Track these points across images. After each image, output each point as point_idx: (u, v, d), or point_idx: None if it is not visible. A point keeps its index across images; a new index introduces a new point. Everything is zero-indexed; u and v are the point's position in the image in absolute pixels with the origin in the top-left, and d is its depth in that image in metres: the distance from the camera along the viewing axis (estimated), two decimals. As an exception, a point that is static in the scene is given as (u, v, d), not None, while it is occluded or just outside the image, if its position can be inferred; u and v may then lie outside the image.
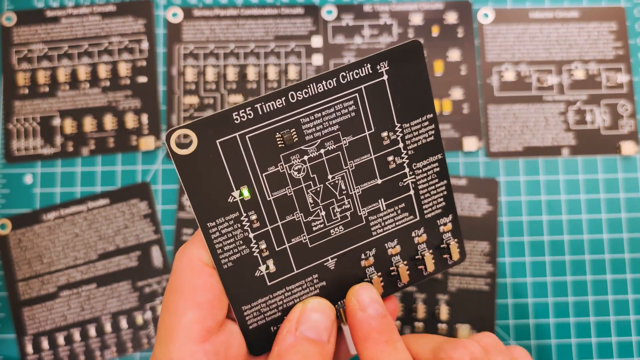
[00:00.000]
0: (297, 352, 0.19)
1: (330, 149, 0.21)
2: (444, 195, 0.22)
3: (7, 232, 0.37)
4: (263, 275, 0.21)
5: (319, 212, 0.21)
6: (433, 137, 0.21)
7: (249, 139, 0.20)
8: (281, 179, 0.20)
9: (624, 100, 0.39)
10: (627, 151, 0.38)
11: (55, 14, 0.39)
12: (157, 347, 0.20)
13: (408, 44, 0.20)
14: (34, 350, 0.36)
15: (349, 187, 0.21)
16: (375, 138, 0.21)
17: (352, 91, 0.20)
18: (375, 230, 0.22)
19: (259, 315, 0.21)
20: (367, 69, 0.20)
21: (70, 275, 0.37)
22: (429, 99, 0.21)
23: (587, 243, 0.37)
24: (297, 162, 0.21)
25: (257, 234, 0.21)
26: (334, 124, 0.21)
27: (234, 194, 0.20)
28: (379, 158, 0.21)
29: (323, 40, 0.39)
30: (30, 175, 0.38)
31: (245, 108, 0.19)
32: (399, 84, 0.21)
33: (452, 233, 0.23)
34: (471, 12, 0.40)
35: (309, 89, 0.20)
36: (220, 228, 0.20)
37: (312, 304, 0.21)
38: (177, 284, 0.20)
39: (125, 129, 0.39)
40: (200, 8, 0.40)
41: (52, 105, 0.39)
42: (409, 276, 0.22)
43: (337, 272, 0.22)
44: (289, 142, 0.20)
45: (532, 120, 0.38)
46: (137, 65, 0.39)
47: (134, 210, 0.38)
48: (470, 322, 0.36)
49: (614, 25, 0.39)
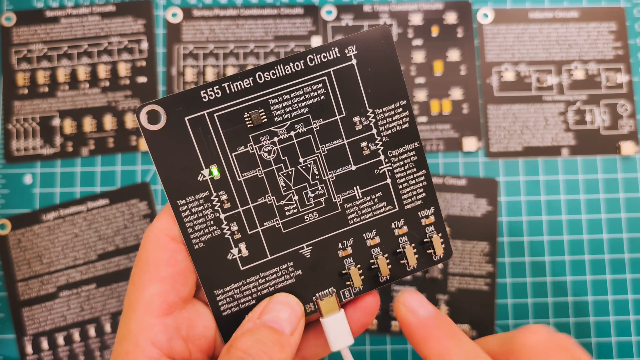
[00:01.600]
0: (252, 336, 0.19)
1: (300, 132, 0.21)
2: (423, 185, 0.22)
3: (6, 232, 0.37)
4: (236, 258, 0.21)
5: (292, 196, 0.21)
6: (408, 124, 0.21)
7: (217, 118, 0.20)
8: (251, 160, 0.21)
9: (624, 100, 0.39)
10: (626, 151, 0.38)
11: (55, 14, 0.39)
12: (121, 319, 0.20)
13: (376, 29, 0.20)
14: (33, 350, 0.36)
15: (321, 172, 0.21)
16: (347, 123, 0.21)
17: (321, 74, 0.20)
18: (352, 219, 0.22)
19: (233, 301, 0.21)
20: (334, 53, 0.20)
21: (69, 276, 0.37)
22: (400, 85, 0.21)
23: (586, 243, 0.37)
24: (267, 143, 0.21)
25: (228, 215, 0.21)
26: (303, 107, 0.21)
27: (204, 172, 0.20)
28: (352, 143, 0.21)
29: (323, 40, 0.39)
30: (29, 175, 0.38)
31: (213, 87, 0.20)
32: (368, 69, 0.21)
33: (434, 226, 0.22)
34: (471, 12, 0.40)
35: (276, 70, 0.20)
36: (191, 207, 0.20)
37: (277, 297, 0.21)
38: (142, 258, 0.20)
39: (125, 129, 0.39)
40: (200, 8, 0.40)
41: (51, 105, 0.39)
42: (390, 270, 0.22)
43: (314, 260, 0.21)
44: (257, 122, 0.20)
45: (531, 121, 0.38)
46: (137, 65, 0.39)
47: (134, 211, 0.38)
48: (470, 322, 0.36)
49: (614, 25, 0.39)
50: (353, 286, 0.22)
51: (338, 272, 0.22)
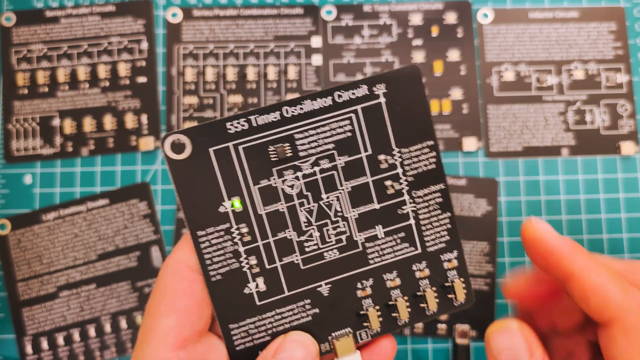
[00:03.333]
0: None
1: (325, 168, 0.21)
2: (447, 228, 0.21)
3: (6, 232, 0.37)
4: (252, 293, 0.21)
5: (313, 232, 0.21)
6: (434, 165, 0.21)
7: (243, 150, 0.20)
8: (273, 194, 0.20)
9: (624, 100, 0.39)
10: (626, 151, 0.38)
11: (55, 14, 0.39)
12: (134, 350, 0.19)
13: (406, 69, 0.20)
14: (33, 350, 0.36)
15: (344, 209, 0.21)
16: (372, 161, 0.21)
17: (348, 111, 0.20)
18: (373, 258, 0.21)
19: (247, 336, 0.21)
20: (363, 90, 0.20)
21: (69, 276, 0.37)
22: (428, 125, 0.21)
23: (586, 243, 0.37)
24: (291, 177, 0.20)
25: (248, 249, 0.20)
26: (329, 142, 0.20)
27: (225, 204, 0.20)
28: (377, 182, 0.21)
29: (323, 40, 0.39)
30: (29, 175, 0.38)
31: (240, 119, 0.20)
32: (396, 108, 0.20)
33: (457, 271, 0.22)
34: (471, 12, 0.40)
35: (303, 105, 0.20)
36: (210, 238, 0.20)
37: (292, 336, 0.20)
38: (160, 288, 0.20)
39: (125, 129, 0.39)
40: (200, 8, 0.40)
41: (51, 105, 0.39)
42: (410, 314, 0.21)
43: (331, 299, 0.21)
44: (282, 156, 0.20)
45: (531, 121, 0.38)
46: (137, 65, 0.39)
47: (134, 211, 0.38)
48: (470, 322, 0.36)
49: (614, 25, 0.39)
50: (370, 328, 0.21)
51: (356, 312, 0.21)
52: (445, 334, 0.36)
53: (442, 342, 0.37)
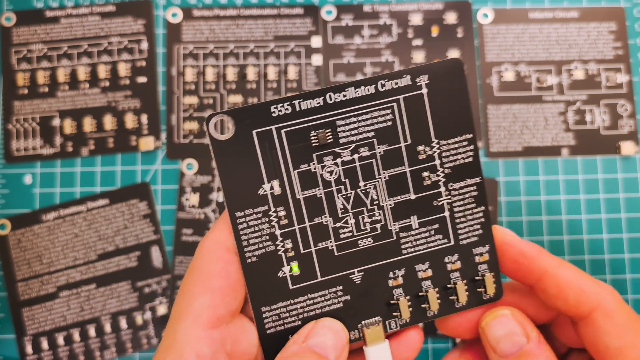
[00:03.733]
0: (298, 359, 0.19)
1: (364, 155, 0.21)
2: (481, 222, 0.21)
3: (6, 232, 0.37)
4: (286, 277, 0.21)
5: (348, 219, 0.21)
6: (472, 158, 0.21)
7: (285, 134, 0.20)
8: (312, 179, 0.21)
9: (624, 100, 0.39)
10: (626, 151, 0.38)
11: (55, 14, 0.39)
12: (167, 327, 0.20)
13: (449, 61, 0.20)
14: (33, 350, 0.36)
15: (380, 198, 0.21)
16: (410, 151, 0.21)
17: (390, 100, 0.21)
18: (406, 248, 0.21)
19: (278, 320, 0.21)
20: (406, 80, 0.20)
21: (69, 276, 0.37)
22: (468, 118, 0.21)
23: (586, 243, 0.37)
24: (330, 163, 0.21)
25: (284, 232, 0.21)
26: (369, 131, 0.21)
27: (265, 186, 0.20)
28: (414, 172, 0.21)
29: (323, 40, 0.39)
30: (29, 175, 0.38)
31: (284, 102, 0.20)
32: (438, 100, 0.21)
33: (488, 265, 0.22)
34: (471, 12, 0.40)
35: (347, 92, 0.20)
36: (248, 219, 0.20)
37: (324, 322, 0.21)
38: (195, 268, 0.20)
39: (125, 129, 0.39)
40: (200, 8, 0.40)
41: (51, 105, 0.39)
42: (439, 305, 0.21)
43: (363, 287, 0.21)
44: (323, 142, 0.20)
45: (531, 121, 0.38)
46: (137, 65, 0.39)
47: (134, 211, 0.38)
48: (470, 322, 0.36)
49: (614, 25, 0.39)
50: (400, 317, 0.21)
51: (386, 301, 0.21)
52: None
53: (442, 342, 0.37)
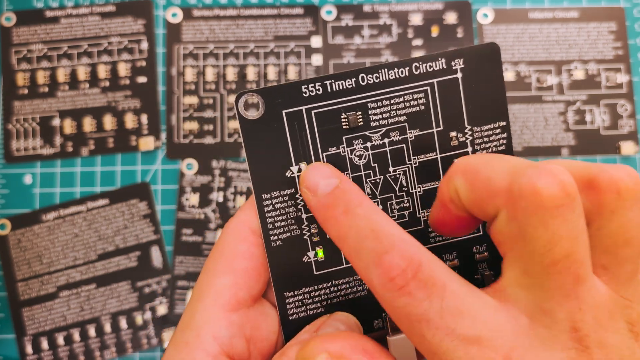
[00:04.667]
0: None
1: (394, 140, 0.20)
2: None
3: (6, 232, 0.37)
4: (311, 262, 0.20)
5: (376, 205, 0.21)
6: (504, 146, 0.20)
7: (315, 115, 0.20)
8: (341, 162, 0.20)
9: (624, 100, 0.39)
10: (626, 151, 0.38)
11: (55, 14, 0.39)
12: (187, 306, 0.19)
13: (486, 46, 0.20)
14: (33, 350, 0.36)
15: (410, 185, 0.20)
16: (443, 137, 0.20)
17: (424, 84, 0.20)
18: (434, 237, 0.21)
19: (302, 306, 0.20)
20: (441, 64, 0.20)
21: (69, 276, 0.37)
22: (503, 105, 0.20)
23: (586, 243, 0.37)
24: (360, 147, 0.20)
25: (310, 216, 0.20)
26: (401, 115, 0.20)
27: (293, 168, 0.20)
28: (445, 159, 0.20)
29: (322, 40, 0.39)
30: (29, 175, 0.38)
31: (315, 83, 0.19)
32: (472, 85, 0.20)
33: None
34: (471, 12, 0.40)
35: (380, 74, 0.20)
36: (275, 202, 0.20)
37: (338, 315, 0.20)
38: (219, 247, 0.20)
39: (125, 129, 0.39)
40: (200, 8, 0.40)
41: (51, 105, 0.39)
42: None
43: None
44: (353, 125, 0.20)
45: (531, 121, 0.38)
46: (137, 65, 0.39)
47: (134, 211, 0.38)
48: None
49: (614, 25, 0.39)
50: None
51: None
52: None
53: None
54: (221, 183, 0.38)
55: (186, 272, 0.37)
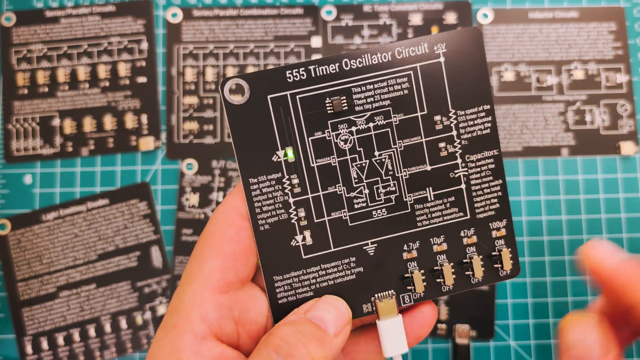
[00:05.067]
0: (294, 327, 0.18)
1: (379, 124, 0.20)
2: (498, 196, 0.21)
3: (6, 232, 0.37)
4: (299, 246, 0.20)
5: (362, 189, 0.21)
6: (489, 130, 0.21)
7: (299, 100, 0.20)
8: (327, 147, 0.20)
9: (624, 100, 0.39)
10: (626, 151, 0.38)
11: (55, 14, 0.39)
12: (177, 290, 0.19)
13: (468, 29, 0.20)
14: (33, 350, 0.36)
15: (395, 168, 0.21)
16: (427, 121, 0.20)
17: (407, 68, 0.20)
18: (421, 221, 0.21)
19: (290, 290, 0.21)
20: (423, 48, 0.20)
21: (69, 276, 0.37)
22: (486, 88, 0.20)
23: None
24: (345, 132, 0.20)
25: (297, 200, 0.20)
26: (385, 99, 0.20)
27: (279, 153, 0.20)
28: (430, 143, 0.21)
29: (322, 40, 0.39)
30: (29, 175, 0.38)
31: (299, 68, 0.20)
32: (455, 69, 0.20)
33: (505, 240, 0.21)
34: (470, 12, 0.40)
35: (363, 59, 0.20)
36: (262, 186, 0.20)
37: (327, 298, 0.20)
38: (208, 232, 0.20)
39: (125, 129, 0.39)
40: (200, 8, 0.40)
41: (51, 105, 0.39)
42: (455, 280, 0.21)
43: (377, 259, 0.21)
44: (338, 109, 0.20)
45: (531, 121, 0.38)
46: (137, 65, 0.39)
47: (134, 211, 0.38)
48: (470, 322, 0.36)
49: (614, 25, 0.39)
50: (414, 291, 0.21)
51: (400, 275, 0.21)
52: (445, 334, 0.36)
53: (442, 342, 0.37)
54: (221, 183, 0.38)
55: (186, 272, 0.37)
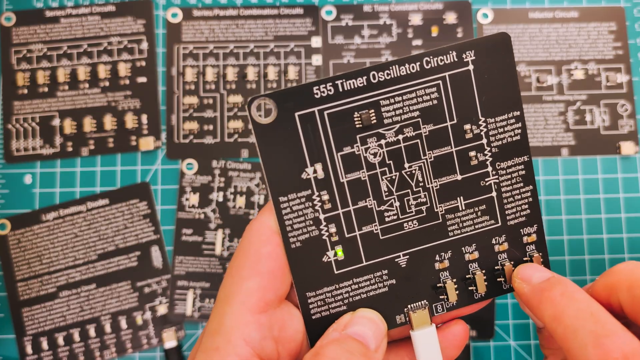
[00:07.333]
0: (341, 345, 0.18)
1: (408, 136, 0.20)
2: (529, 202, 0.21)
3: (6, 232, 0.37)
4: (331, 261, 0.20)
5: (393, 202, 0.20)
6: (519, 136, 0.20)
7: (327, 115, 0.20)
8: (356, 161, 0.20)
9: (624, 100, 0.39)
10: (626, 151, 0.38)
11: (55, 14, 0.39)
12: (214, 310, 0.19)
13: (497, 36, 0.20)
14: (33, 350, 0.36)
15: (426, 180, 0.20)
16: (457, 130, 0.20)
17: (436, 78, 0.20)
18: (452, 230, 0.21)
19: (324, 305, 0.21)
20: (452, 57, 0.20)
21: (69, 276, 0.37)
22: (516, 95, 0.20)
23: (586, 243, 0.37)
24: (374, 145, 0.20)
25: (328, 216, 0.20)
26: (414, 110, 0.20)
27: (308, 170, 0.20)
28: (460, 152, 0.20)
29: (322, 40, 0.39)
30: (29, 175, 0.38)
31: (326, 83, 0.19)
32: (485, 76, 0.20)
33: (536, 245, 0.21)
34: (470, 12, 0.40)
35: (391, 71, 0.20)
36: (292, 204, 0.20)
37: (362, 312, 0.20)
38: (243, 250, 0.20)
39: (125, 129, 0.39)
40: (200, 8, 0.40)
41: (51, 105, 0.39)
42: (487, 287, 0.21)
43: (409, 271, 0.21)
44: (366, 123, 0.20)
45: (531, 121, 0.38)
46: (137, 65, 0.39)
47: (134, 211, 0.38)
48: (470, 322, 0.36)
49: (614, 25, 0.39)
50: (447, 300, 0.21)
51: (432, 284, 0.21)
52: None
53: (442, 342, 0.37)
54: (221, 183, 0.38)
55: (186, 272, 0.37)
